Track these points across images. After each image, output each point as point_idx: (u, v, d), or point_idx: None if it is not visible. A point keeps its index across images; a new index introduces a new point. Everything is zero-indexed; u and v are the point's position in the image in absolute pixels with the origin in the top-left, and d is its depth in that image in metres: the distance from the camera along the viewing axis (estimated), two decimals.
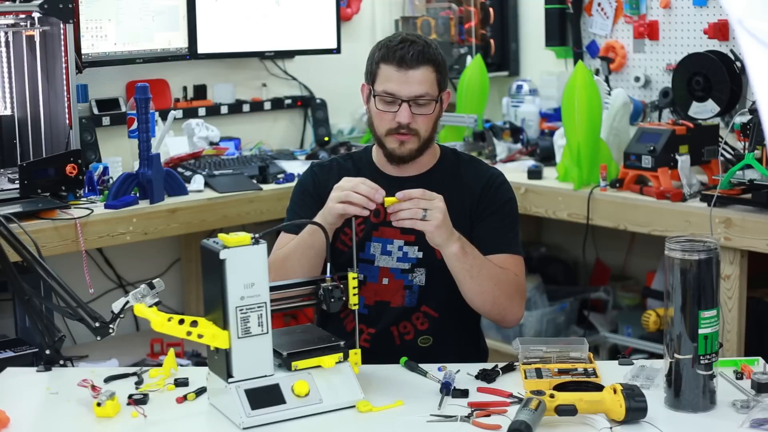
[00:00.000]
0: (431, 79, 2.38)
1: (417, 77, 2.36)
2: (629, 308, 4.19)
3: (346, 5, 4.47)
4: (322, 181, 2.52)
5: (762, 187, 3.06)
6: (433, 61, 2.38)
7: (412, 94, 2.36)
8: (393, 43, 2.39)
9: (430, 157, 2.51)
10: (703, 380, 1.97)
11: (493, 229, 2.44)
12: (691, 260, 1.94)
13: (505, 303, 2.38)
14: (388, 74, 2.38)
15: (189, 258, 4.09)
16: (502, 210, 2.47)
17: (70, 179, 3.16)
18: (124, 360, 3.43)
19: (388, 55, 2.38)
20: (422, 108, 2.38)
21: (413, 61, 2.35)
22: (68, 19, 3.22)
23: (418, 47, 2.37)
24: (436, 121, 2.44)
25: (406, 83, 2.36)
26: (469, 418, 1.95)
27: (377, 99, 2.40)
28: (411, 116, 2.37)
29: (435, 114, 2.42)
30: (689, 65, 3.61)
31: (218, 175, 3.59)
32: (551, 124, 4.15)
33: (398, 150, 2.41)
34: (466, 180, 2.49)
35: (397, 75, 2.36)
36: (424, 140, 2.42)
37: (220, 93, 4.17)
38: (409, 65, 2.35)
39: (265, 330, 1.97)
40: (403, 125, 2.38)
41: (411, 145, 2.41)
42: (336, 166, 2.55)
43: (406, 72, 2.36)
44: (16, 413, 2.00)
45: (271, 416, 1.95)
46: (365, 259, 2.45)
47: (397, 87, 2.37)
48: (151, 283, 2.13)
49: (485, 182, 2.48)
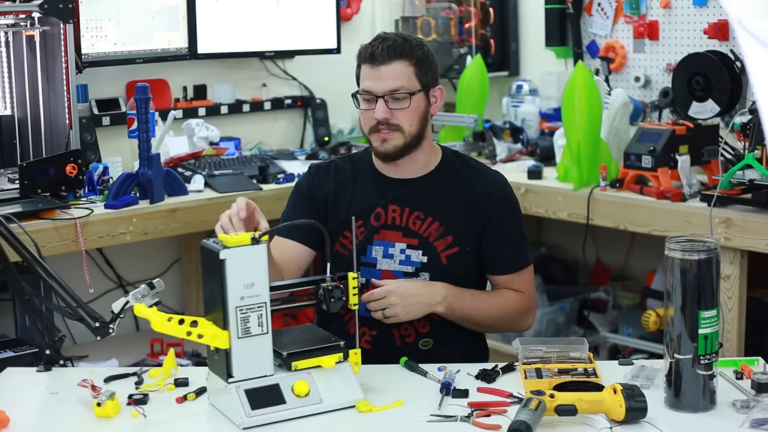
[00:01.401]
0: (406, 73, 2.39)
1: (389, 72, 2.38)
2: (629, 308, 4.19)
3: (346, 5, 4.47)
4: (318, 183, 2.53)
5: (762, 187, 3.06)
6: (407, 56, 2.40)
7: (385, 89, 2.38)
8: (367, 43, 2.44)
9: (429, 158, 2.50)
10: (703, 380, 1.97)
11: (502, 249, 2.47)
12: (691, 260, 1.94)
13: (509, 327, 2.57)
14: (364, 73, 2.42)
15: (189, 258, 4.09)
16: (508, 222, 2.48)
17: (70, 179, 3.16)
18: (124, 360, 3.43)
19: (361, 54, 2.43)
20: (399, 102, 2.39)
21: (383, 56, 2.38)
22: (68, 19, 3.22)
23: (389, 43, 2.39)
24: (422, 116, 2.43)
25: (379, 79, 2.39)
26: (469, 418, 1.95)
27: (360, 99, 2.44)
28: (388, 111, 2.39)
29: (416, 108, 2.41)
30: (689, 65, 3.61)
31: (218, 175, 3.59)
32: (551, 124, 4.15)
33: (381, 147, 2.43)
34: (468, 183, 2.49)
35: (371, 72, 2.40)
36: (411, 136, 2.42)
37: (220, 93, 4.17)
38: (381, 61, 2.38)
39: (265, 330, 1.97)
40: (381, 121, 2.39)
41: (395, 142, 2.42)
42: (333, 169, 2.55)
43: (378, 68, 2.39)
44: (16, 413, 2.00)
45: (271, 416, 1.95)
46: (367, 263, 2.45)
47: (371, 83, 2.40)
48: (151, 283, 2.14)
49: (490, 190, 2.48)
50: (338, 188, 2.51)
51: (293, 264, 2.45)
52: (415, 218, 2.45)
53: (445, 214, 2.45)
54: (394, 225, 2.46)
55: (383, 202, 2.47)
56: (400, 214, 2.46)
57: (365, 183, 2.51)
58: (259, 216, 2.21)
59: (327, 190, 2.52)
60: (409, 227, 2.45)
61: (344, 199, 2.50)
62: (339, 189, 2.51)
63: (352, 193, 2.50)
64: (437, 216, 2.45)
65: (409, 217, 2.46)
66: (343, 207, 2.49)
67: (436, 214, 2.45)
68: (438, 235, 2.44)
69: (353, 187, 2.51)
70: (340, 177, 2.53)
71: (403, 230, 2.45)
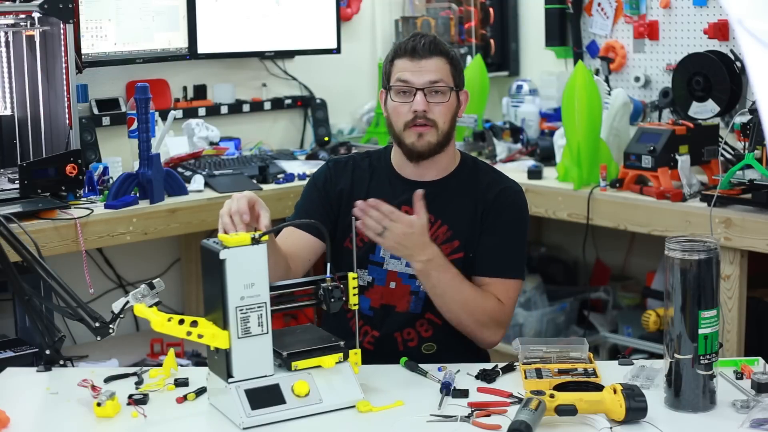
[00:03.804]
0: (445, 69, 2.40)
1: (430, 65, 2.39)
2: (629, 308, 4.19)
3: (346, 5, 4.47)
4: (334, 177, 2.52)
5: (762, 187, 3.06)
6: (446, 54, 2.41)
7: (425, 81, 2.38)
8: (404, 40, 2.44)
9: (449, 161, 2.49)
10: (703, 380, 1.97)
11: (492, 249, 2.42)
12: (691, 260, 1.94)
13: (473, 328, 2.39)
14: (401, 66, 2.41)
15: (189, 258, 4.09)
16: (508, 229, 2.44)
17: (70, 179, 3.16)
18: (124, 360, 3.43)
19: (400, 49, 2.43)
20: (438, 96, 2.39)
21: (425, 51, 2.39)
22: (68, 19, 3.22)
23: (429, 38, 2.41)
24: (453, 115, 2.43)
25: (420, 72, 2.38)
26: (469, 418, 1.95)
27: (393, 91, 2.41)
28: (426, 104, 2.38)
29: (452, 105, 2.42)
30: (689, 65, 3.61)
31: (218, 175, 3.59)
32: (551, 124, 4.15)
33: (418, 143, 2.40)
34: (481, 188, 2.47)
35: (411, 65, 2.39)
36: (443, 133, 2.41)
37: (220, 93, 4.17)
38: (422, 55, 2.38)
39: (265, 330, 1.97)
40: (420, 114, 2.38)
41: (430, 138, 2.40)
42: (351, 165, 2.54)
43: (419, 61, 2.38)
44: (16, 413, 2.00)
45: (271, 416, 1.95)
46: (375, 261, 2.45)
47: (411, 76, 2.39)
48: (151, 283, 2.13)
49: (499, 192, 2.46)
50: (354, 184, 2.50)
51: (302, 255, 2.43)
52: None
53: (454, 218, 2.44)
54: None
55: (397, 203, 2.44)
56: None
57: (381, 182, 2.50)
58: (260, 208, 2.17)
59: (343, 185, 2.51)
60: None
61: (359, 196, 2.46)
62: (355, 185, 2.50)
63: (368, 191, 2.48)
64: (446, 220, 2.44)
65: None
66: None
67: (445, 218, 2.44)
68: (445, 238, 2.43)
69: (369, 185, 2.50)
70: (357, 173, 2.52)
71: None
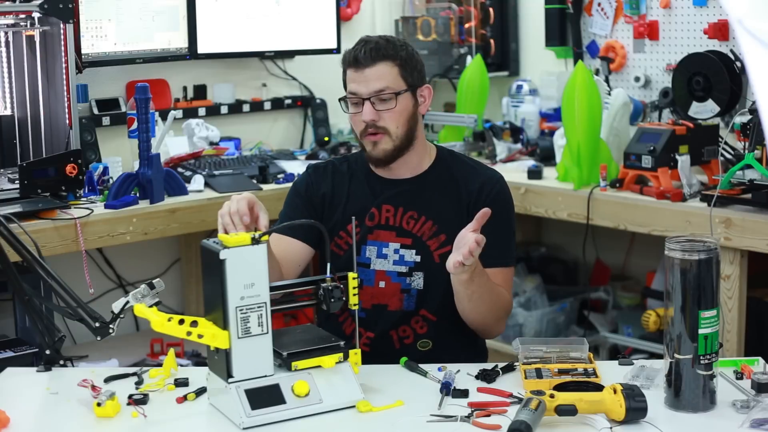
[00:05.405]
0: (391, 74, 2.40)
1: (374, 73, 2.39)
2: (629, 308, 4.19)
3: (346, 5, 4.47)
4: (315, 183, 2.53)
5: (762, 187, 3.06)
6: (391, 57, 2.40)
7: (371, 90, 2.39)
8: (351, 48, 2.44)
9: (422, 158, 2.50)
10: (703, 380, 1.97)
11: (489, 241, 2.42)
12: (691, 260, 1.94)
13: (492, 323, 2.43)
14: (350, 77, 2.43)
15: (189, 258, 4.09)
16: (499, 218, 2.42)
17: (70, 179, 3.16)
18: (124, 360, 3.43)
19: (346, 58, 2.44)
20: (385, 103, 2.40)
21: (367, 59, 2.38)
22: (68, 19, 3.22)
23: (371, 45, 2.40)
24: (409, 116, 2.43)
25: (365, 81, 2.39)
26: (469, 418, 1.95)
27: (347, 103, 2.44)
28: (375, 113, 2.39)
29: (403, 109, 2.41)
30: (689, 65, 3.61)
31: (218, 175, 3.59)
32: (551, 124, 4.15)
33: (373, 151, 2.43)
34: (462, 181, 2.48)
35: (356, 75, 2.40)
36: (399, 138, 2.42)
37: (220, 93, 4.17)
38: (364, 64, 2.39)
39: (265, 330, 1.97)
40: (369, 123, 2.39)
41: (384, 145, 2.42)
42: (331, 169, 2.56)
43: (363, 71, 2.39)
44: (16, 413, 2.00)
45: (271, 416, 1.95)
46: (361, 263, 2.45)
47: (357, 86, 2.40)
48: (151, 283, 2.13)
49: (482, 183, 2.47)
50: (335, 189, 2.52)
51: (293, 261, 2.45)
52: (409, 218, 2.46)
53: (438, 213, 2.45)
54: (388, 225, 2.46)
55: (377, 203, 2.47)
56: (394, 214, 2.46)
57: (360, 183, 2.52)
58: (259, 210, 2.19)
59: (324, 190, 2.52)
60: (402, 227, 2.45)
61: (340, 200, 2.50)
62: (335, 189, 2.52)
63: (348, 194, 2.50)
64: (430, 215, 2.45)
65: (402, 216, 2.46)
66: (339, 207, 2.49)
67: (429, 214, 2.45)
68: (431, 234, 2.44)
69: (348, 188, 2.52)
70: (337, 178, 2.53)
71: (397, 230, 2.45)
